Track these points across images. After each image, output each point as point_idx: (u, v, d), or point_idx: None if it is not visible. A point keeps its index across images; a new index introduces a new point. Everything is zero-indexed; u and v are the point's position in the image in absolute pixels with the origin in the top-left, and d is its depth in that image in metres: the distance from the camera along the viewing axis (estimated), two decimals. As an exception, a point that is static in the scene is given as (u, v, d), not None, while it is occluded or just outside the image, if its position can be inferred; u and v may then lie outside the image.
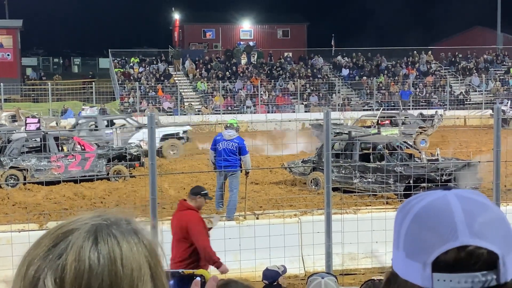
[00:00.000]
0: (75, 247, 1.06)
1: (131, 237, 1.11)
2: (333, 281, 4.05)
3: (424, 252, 1.09)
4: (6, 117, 26.62)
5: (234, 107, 39.32)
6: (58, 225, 1.12)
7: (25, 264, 1.08)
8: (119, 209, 1.19)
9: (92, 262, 1.05)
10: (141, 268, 1.09)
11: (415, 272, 1.10)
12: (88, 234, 1.08)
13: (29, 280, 1.06)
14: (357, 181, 14.63)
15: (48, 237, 1.10)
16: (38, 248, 1.09)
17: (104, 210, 1.17)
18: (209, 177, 16.31)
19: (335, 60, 46.21)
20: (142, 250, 1.10)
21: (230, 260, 9.30)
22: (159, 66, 43.83)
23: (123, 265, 1.07)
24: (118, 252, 1.07)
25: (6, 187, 16.20)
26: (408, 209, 1.15)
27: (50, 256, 1.06)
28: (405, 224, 1.13)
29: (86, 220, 1.12)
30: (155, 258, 1.13)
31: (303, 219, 10.23)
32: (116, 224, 1.12)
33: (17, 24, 46.07)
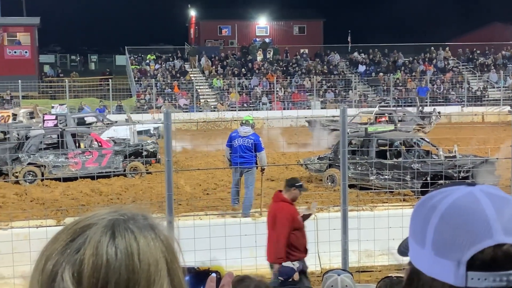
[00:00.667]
0: (92, 241, 1.07)
1: (148, 232, 1.11)
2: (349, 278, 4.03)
3: (456, 251, 1.07)
4: (24, 113, 26.79)
5: (250, 103, 39.31)
6: (76, 220, 1.13)
7: (43, 259, 1.09)
8: (136, 205, 1.19)
9: (109, 257, 1.06)
10: (158, 263, 1.10)
11: (446, 270, 1.08)
12: (105, 229, 1.09)
13: (47, 275, 1.07)
14: (374, 178, 14.56)
15: (66, 232, 1.11)
16: (56, 243, 1.10)
17: (121, 206, 1.18)
18: (224, 173, 16.33)
19: (351, 57, 46.04)
20: (159, 245, 1.11)
21: (246, 256, 9.32)
22: (175, 63, 43.94)
23: (140, 260, 1.07)
24: (135, 246, 1.08)
25: (24, 183, 16.33)
26: (432, 205, 1.13)
27: (68, 251, 1.07)
28: (433, 222, 1.11)
29: (103, 215, 1.12)
30: (171, 254, 1.13)
31: (319, 216, 10.20)
32: (133, 219, 1.13)
33: (34, 22, 46.37)
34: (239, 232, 9.31)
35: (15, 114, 26.58)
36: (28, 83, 39.51)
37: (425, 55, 45.90)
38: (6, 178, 16.52)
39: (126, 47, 46.06)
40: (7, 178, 16.44)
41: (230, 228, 9.40)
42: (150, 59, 44.59)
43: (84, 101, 37.50)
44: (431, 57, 45.63)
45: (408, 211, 9.56)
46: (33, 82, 41.46)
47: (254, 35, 53.87)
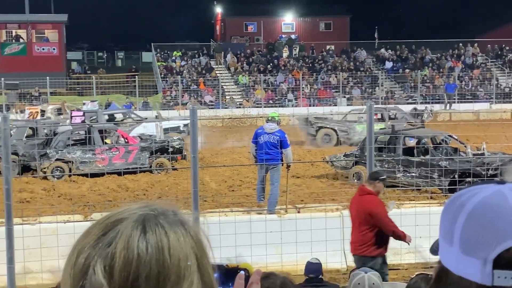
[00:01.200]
0: (124, 236, 1.08)
1: (178, 227, 1.12)
2: (377, 275, 4.00)
3: (483, 249, 1.07)
4: (52, 110, 27.10)
5: (276, 100, 39.28)
6: (107, 215, 1.14)
7: (75, 253, 1.10)
8: (165, 201, 1.20)
9: (140, 251, 1.07)
10: (188, 258, 1.10)
11: (473, 268, 1.07)
12: (136, 224, 1.10)
13: (79, 268, 1.08)
14: (401, 175, 14.45)
15: (98, 226, 1.12)
16: (88, 237, 1.11)
17: (151, 201, 1.18)
18: (250, 170, 16.33)
19: (378, 53, 45.72)
20: (189, 241, 1.12)
21: (272, 253, 9.31)
22: (201, 59, 44.08)
23: (170, 255, 1.08)
24: (166, 241, 1.09)
25: (52, 179, 16.51)
26: (461, 203, 1.13)
27: (99, 245, 1.09)
28: (460, 220, 1.11)
29: (134, 210, 1.14)
30: (201, 249, 1.14)
31: (345, 213, 10.14)
32: (163, 215, 1.13)
33: (62, 19, 46.89)
34: (265, 229, 9.30)
35: (43, 111, 26.90)
36: (56, 80, 39.96)
37: (453, 52, 45.40)
38: (35, 173, 16.73)
39: (152, 44, 46.33)
40: (35, 174, 16.64)
41: (255, 225, 9.40)
42: (176, 55, 44.80)
43: (110, 97, 37.83)
44: (459, 53, 45.11)
45: (435, 209, 9.48)
46: (61, 78, 41.94)
47: (280, 32, 53.79)
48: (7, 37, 45.75)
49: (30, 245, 8.41)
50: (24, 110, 28.92)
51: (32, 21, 45.43)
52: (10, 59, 44.55)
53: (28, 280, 8.52)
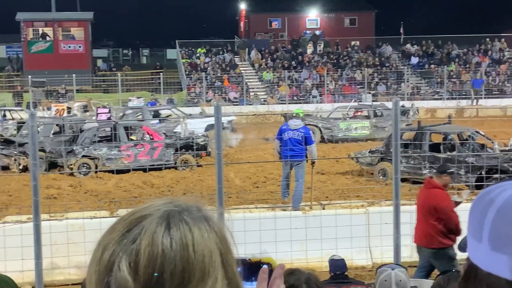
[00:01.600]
0: (148, 232, 1.08)
1: (202, 223, 1.12)
2: (404, 272, 3.97)
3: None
4: (78, 107, 27.37)
5: (300, 96, 39.19)
6: (131, 211, 1.15)
7: (100, 249, 1.11)
8: (189, 197, 1.20)
9: (165, 247, 1.07)
10: (212, 254, 1.10)
11: (502, 265, 1.06)
12: (160, 220, 1.10)
13: (104, 264, 1.09)
14: (427, 171, 14.31)
15: (122, 222, 1.12)
16: (113, 233, 1.11)
17: (175, 197, 1.19)
18: (274, 166, 16.32)
19: (404, 48, 45.34)
20: (213, 237, 1.12)
21: (297, 249, 9.29)
22: (225, 56, 44.12)
23: (194, 251, 1.08)
24: (190, 238, 1.09)
25: (79, 175, 16.67)
26: (490, 200, 1.11)
27: (124, 241, 1.09)
28: (489, 216, 1.10)
29: (158, 206, 1.14)
30: (225, 245, 1.14)
31: (370, 210, 10.09)
32: (187, 211, 1.14)
33: (88, 17, 47.28)
34: (289, 225, 9.28)
35: (70, 108, 27.17)
36: (82, 77, 40.33)
37: (480, 47, 44.84)
38: (61, 170, 16.91)
39: (177, 41, 46.49)
40: (62, 170, 16.82)
41: (280, 221, 9.39)
42: (200, 52, 44.91)
43: (135, 94, 38.05)
44: (486, 48, 44.54)
45: (462, 206, 9.37)
46: (87, 76, 42.31)
47: (304, 28, 53.60)
48: (33, 35, 46.26)
49: (57, 240, 8.49)
50: (51, 107, 29.25)
51: (58, 19, 45.88)
52: (36, 57, 45.05)
53: (55, 275, 8.61)
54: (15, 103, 36.81)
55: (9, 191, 14.61)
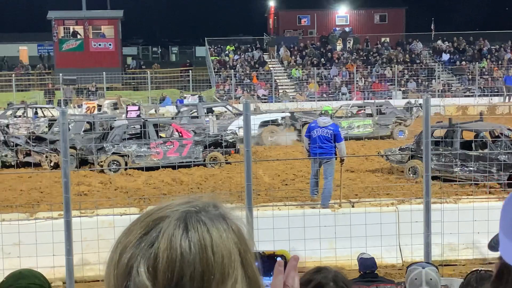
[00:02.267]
0: (166, 235, 1.07)
1: (220, 223, 1.11)
2: (434, 271, 3.91)
3: None
4: (109, 104, 27.63)
5: (329, 94, 39.03)
6: (148, 212, 1.13)
7: (118, 252, 1.09)
8: (206, 194, 1.18)
9: (183, 250, 1.06)
10: (231, 254, 1.09)
11: None
12: (178, 222, 1.09)
13: (123, 269, 1.07)
14: (458, 169, 14.13)
15: (139, 224, 1.11)
16: (130, 235, 1.10)
17: (192, 196, 1.17)
18: (303, 164, 16.27)
19: (435, 45, 44.85)
20: (231, 236, 1.10)
21: (325, 247, 9.25)
22: (254, 53, 44.15)
23: (213, 253, 1.07)
24: (209, 239, 1.08)
25: (109, 172, 16.82)
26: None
27: (142, 244, 1.07)
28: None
29: (176, 207, 1.12)
30: (244, 244, 1.12)
31: (400, 208, 10.00)
32: (204, 210, 1.12)
33: (118, 15, 47.71)
34: (318, 223, 9.24)
35: (100, 105, 27.44)
36: (112, 75, 40.72)
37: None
38: (92, 167, 17.08)
39: (206, 38, 46.66)
40: (92, 167, 16.99)
41: (309, 219, 9.35)
42: (229, 50, 45.00)
43: (165, 92, 38.31)
44: (519, 44, 43.87)
45: (494, 204, 9.24)
46: (117, 74, 42.70)
47: (334, 24, 53.32)
48: (64, 33, 46.84)
49: (87, 237, 8.58)
50: (82, 105, 29.59)
51: (89, 17, 46.38)
52: (67, 55, 45.61)
53: (86, 271, 8.70)
54: (46, 101, 37.33)
55: (41, 187, 14.81)
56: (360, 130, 23.47)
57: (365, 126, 23.56)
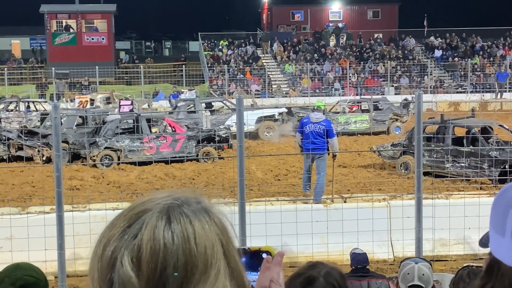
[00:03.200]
0: (149, 227, 1.08)
1: (202, 215, 1.12)
2: (427, 267, 3.94)
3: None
4: (101, 99, 27.55)
5: (322, 89, 39.06)
6: (131, 206, 1.15)
7: (101, 246, 1.11)
8: (188, 189, 1.20)
9: (166, 241, 1.07)
10: (214, 246, 1.10)
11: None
12: (161, 214, 1.10)
13: (106, 261, 1.09)
14: (449, 165, 14.19)
15: (122, 218, 1.13)
16: (113, 229, 1.12)
17: (174, 190, 1.19)
18: (296, 159, 16.31)
19: (427, 41, 44.94)
20: (214, 228, 1.12)
21: (317, 243, 9.28)
22: (248, 48, 44.10)
23: (196, 244, 1.08)
24: (191, 230, 1.09)
25: (101, 167, 16.80)
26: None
27: (125, 237, 1.09)
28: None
29: (158, 200, 1.14)
30: (226, 236, 1.14)
31: (392, 204, 10.04)
32: (187, 204, 1.14)
33: (111, 9, 47.54)
34: (311, 218, 9.27)
35: (93, 100, 27.37)
36: (104, 69, 40.59)
37: (505, 39, 44.28)
38: (84, 161, 17.06)
39: (199, 33, 46.57)
40: (85, 162, 16.97)
41: (301, 214, 9.38)
42: (222, 45, 44.94)
43: (158, 87, 38.23)
44: (511, 41, 43.98)
45: (485, 200, 9.29)
46: (110, 68, 42.57)
47: (327, 20, 53.31)
48: (57, 27, 46.65)
49: (80, 231, 8.57)
50: (74, 99, 29.50)
51: (81, 11, 46.21)
52: (60, 49, 45.44)
53: (78, 266, 8.69)
54: (39, 95, 37.20)
55: (33, 182, 14.77)
56: (357, 126, 23.54)
57: (362, 122, 23.63)
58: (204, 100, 26.22)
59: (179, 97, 29.84)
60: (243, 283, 1.16)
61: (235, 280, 1.14)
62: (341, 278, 2.78)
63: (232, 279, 1.13)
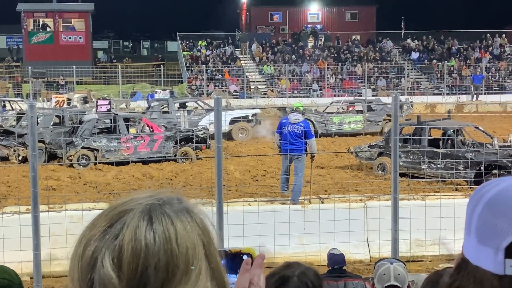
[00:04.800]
0: (131, 227, 1.08)
1: (184, 216, 1.12)
2: (402, 267, 3.98)
3: (496, 238, 1.07)
4: (78, 98, 27.34)
5: (300, 90, 39.17)
6: (112, 206, 1.14)
7: (82, 245, 1.10)
8: (170, 189, 1.20)
9: (148, 242, 1.07)
10: (195, 246, 1.10)
11: (487, 257, 1.08)
12: (142, 214, 1.10)
13: (87, 261, 1.08)
14: (426, 167, 14.32)
15: (103, 217, 1.12)
16: (94, 229, 1.11)
17: (156, 190, 1.18)
18: (274, 160, 16.33)
19: (404, 43, 45.30)
20: (195, 229, 1.12)
21: (295, 243, 9.31)
22: (226, 49, 44.07)
23: (178, 244, 1.08)
24: (173, 231, 1.09)
25: (78, 167, 16.68)
26: (481, 194, 1.13)
27: (106, 237, 1.08)
28: (478, 210, 1.12)
29: (140, 200, 1.13)
30: (207, 236, 1.14)
31: (369, 204, 10.10)
32: (168, 204, 1.13)
33: (88, 8, 47.19)
34: (288, 219, 9.30)
35: (70, 99, 27.15)
36: (82, 69, 40.29)
37: (481, 42, 44.79)
38: (61, 161, 16.91)
39: (178, 33, 46.42)
40: (61, 162, 16.82)
41: (279, 215, 9.40)
42: (201, 45, 44.84)
43: (136, 87, 38.04)
44: (487, 44, 44.50)
45: (460, 201, 9.39)
46: (87, 67, 42.26)
47: (306, 22, 53.49)
48: (34, 26, 46.18)
49: (55, 232, 8.50)
50: (51, 99, 29.24)
51: (59, 10, 45.79)
52: (37, 47, 44.99)
53: (53, 266, 8.62)
54: (14, 94, 36.80)
55: (8, 182, 14.61)
56: (351, 126, 23.64)
57: (356, 122, 23.72)
58: (178, 100, 26.15)
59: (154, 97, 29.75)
60: (223, 284, 1.16)
61: (216, 281, 1.14)
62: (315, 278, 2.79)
63: (213, 279, 1.13)
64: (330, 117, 23.58)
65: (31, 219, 6.93)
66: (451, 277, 1.17)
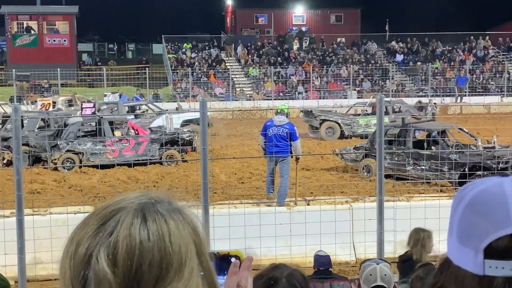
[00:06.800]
0: (125, 224, 1.10)
1: (176, 215, 1.14)
2: (388, 267, 4.00)
3: (476, 238, 1.09)
4: (63, 101, 27.19)
5: (286, 93, 39.23)
6: (104, 205, 1.15)
7: (74, 244, 1.11)
8: (160, 191, 1.21)
9: (142, 239, 1.08)
10: (188, 245, 1.12)
11: (467, 258, 1.10)
12: (136, 212, 1.12)
13: (80, 259, 1.09)
14: (411, 168, 14.40)
15: (95, 217, 1.13)
16: (86, 227, 1.12)
17: (147, 191, 1.20)
18: (260, 162, 16.34)
19: (389, 46, 45.52)
20: (187, 228, 1.14)
21: (281, 245, 9.32)
22: (211, 51, 44.04)
23: (171, 242, 1.10)
24: (166, 229, 1.11)
25: (63, 170, 16.58)
26: (463, 195, 1.15)
27: (100, 234, 1.10)
28: (459, 211, 1.13)
29: (132, 199, 1.15)
30: (198, 236, 1.16)
31: (354, 206, 10.14)
32: (160, 203, 1.15)
33: (73, 10, 46.95)
34: (274, 221, 9.31)
35: (54, 102, 26.98)
36: (66, 72, 40.06)
37: (465, 44, 45.13)
38: (45, 165, 16.81)
39: (163, 36, 46.32)
40: (46, 165, 16.72)
41: (265, 217, 9.42)
42: (186, 48, 44.78)
43: (121, 89, 37.88)
44: (471, 46, 44.84)
45: (445, 202, 9.45)
46: (72, 70, 42.04)
47: (291, 24, 53.61)
48: (18, 28, 45.88)
49: (40, 235, 8.45)
50: (36, 102, 29.04)
51: (43, 12, 45.52)
52: (21, 50, 44.70)
53: (38, 270, 8.57)
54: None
55: (-7, 185, 14.49)
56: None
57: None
58: (128, 103, 26.17)
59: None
60: (214, 283, 1.18)
61: (206, 280, 1.16)
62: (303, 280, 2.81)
63: (204, 278, 1.15)
64: (356, 119, 23.63)
65: (15, 222, 6.89)
66: (435, 276, 1.18)
